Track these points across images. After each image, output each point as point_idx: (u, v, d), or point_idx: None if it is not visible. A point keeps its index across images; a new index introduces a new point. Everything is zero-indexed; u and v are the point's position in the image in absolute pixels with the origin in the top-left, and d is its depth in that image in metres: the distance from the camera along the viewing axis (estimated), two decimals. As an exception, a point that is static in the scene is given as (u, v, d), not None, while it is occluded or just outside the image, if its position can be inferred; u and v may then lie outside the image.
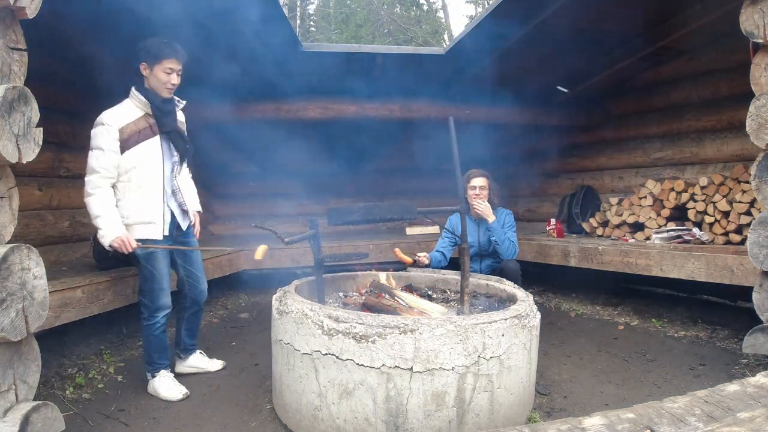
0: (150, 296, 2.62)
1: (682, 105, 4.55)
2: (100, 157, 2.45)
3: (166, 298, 2.65)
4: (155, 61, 2.51)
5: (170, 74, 2.54)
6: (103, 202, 2.45)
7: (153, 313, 2.63)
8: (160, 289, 2.61)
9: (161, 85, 2.55)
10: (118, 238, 2.43)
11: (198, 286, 2.88)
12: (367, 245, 4.84)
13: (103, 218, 2.43)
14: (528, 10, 3.57)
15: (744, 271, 3.04)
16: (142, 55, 2.52)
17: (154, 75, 2.54)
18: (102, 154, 2.45)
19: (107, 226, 2.43)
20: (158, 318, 2.63)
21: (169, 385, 2.67)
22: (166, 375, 2.70)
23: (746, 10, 2.38)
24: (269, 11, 3.27)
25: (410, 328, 1.93)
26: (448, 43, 5.26)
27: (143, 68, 2.54)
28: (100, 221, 2.43)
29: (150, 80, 2.56)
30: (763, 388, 1.59)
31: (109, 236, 2.43)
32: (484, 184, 3.55)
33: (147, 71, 2.54)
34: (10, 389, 1.75)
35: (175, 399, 2.61)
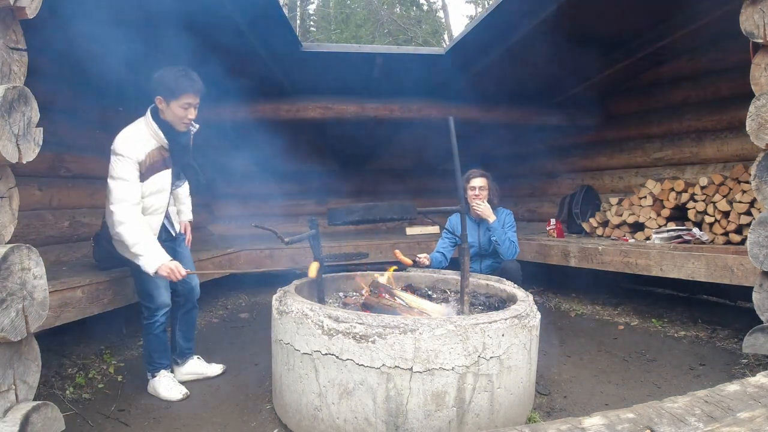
0: (148, 296, 2.61)
1: (682, 105, 4.55)
2: (126, 188, 2.40)
3: (165, 296, 2.64)
4: (172, 97, 2.42)
5: (187, 109, 2.47)
6: (138, 231, 2.39)
7: (153, 312, 2.62)
8: (156, 288, 2.60)
9: (178, 120, 2.49)
10: (166, 267, 2.39)
11: (189, 282, 2.85)
12: (367, 245, 4.84)
13: (141, 246, 2.38)
14: (528, 10, 3.57)
15: (744, 271, 3.04)
16: (158, 89, 2.43)
17: (170, 109, 2.46)
18: (128, 185, 2.40)
19: (148, 254, 2.39)
20: (158, 317, 2.63)
21: (170, 385, 2.66)
22: (166, 375, 2.70)
23: (746, 10, 2.38)
24: (269, 11, 3.28)
25: (410, 328, 1.93)
26: (448, 43, 5.26)
27: (159, 101, 2.47)
28: (139, 249, 2.38)
29: (166, 114, 2.48)
30: (763, 388, 1.59)
31: (152, 265, 2.38)
32: (483, 185, 3.55)
33: (163, 105, 2.46)
34: (10, 389, 1.75)
35: (175, 399, 2.61)
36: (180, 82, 2.41)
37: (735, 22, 2.42)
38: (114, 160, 2.42)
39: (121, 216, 2.38)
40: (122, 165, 2.40)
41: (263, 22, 3.39)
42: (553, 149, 6.00)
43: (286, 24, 3.64)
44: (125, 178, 2.40)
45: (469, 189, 3.54)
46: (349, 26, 17.48)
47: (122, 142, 2.43)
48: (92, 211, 3.92)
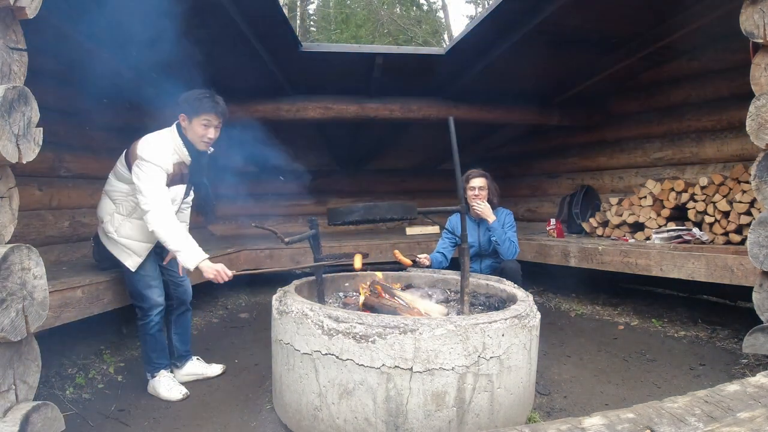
0: (139, 296, 2.64)
1: (682, 105, 4.55)
2: (159, 193, 2.46)
3: (157, 296, 2.66)
4: (194, 114, 2.52)
5: (208, 128, 2.55)
6: (176, 231, 2.43)
7: (146, 312, 2.64)
8: (147, 287, 2.63)
9: (198, 138, 2.57)
10: (213, 269, 2.42)
11: (182, 284, 2.87)
12: (367, 245, 4.84)
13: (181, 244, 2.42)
14: (528, 10, 3.57)
15: (744, 271, 3.04)
16: (183, 107, 2.55)
17: (192, 127, 2.55)
18: (160, 189, 2.47)
19: (188, 250, 2.42)
20: (152, 316, 2.63)
21: (169, 385, 2.67)
22: (165, 375, 2.70)
23: (746, 10, 2.38)
24: (269, 11, 3.27)
25: (410, 328, 1.93)
26: (448, 43, 5.26)
27: (182, 119, 2.57)
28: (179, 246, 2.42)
29: (188, 131, 2.57)
30: (763, 388, 1.59)
31: (192, 260, 2.41)
32: (483, 185, 3.55)
33: (185, 122, 2.56)
34: (10, 389, 1.75)
35: (175, 399, 2.62)
36: (203, 102, 2.52)
37: (735, 22, 2.42)
38: (144, 165, 2.45)
39: (158, 219, 2.41)
40: (153, 171, 2.46)
41: (263, 22, 3.39)
42: (553, 149, 6.00)
43: (286, 24, 3.64)
44: (157, 183, 2.46)
45: (469, 189, 3.54)
46: (349, 26, 17.48)
47: (153, 151, 2.48)
48: (92, 211, 3.91)
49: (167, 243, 2.43)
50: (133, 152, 2.51)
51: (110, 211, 2.64)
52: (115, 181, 2.66)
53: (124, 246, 2.60)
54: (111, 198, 2.66)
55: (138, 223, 2.59)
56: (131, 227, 2.60)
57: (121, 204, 2.62)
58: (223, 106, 2.59)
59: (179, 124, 2.59)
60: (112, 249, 2.63)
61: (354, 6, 18.60)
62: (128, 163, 2.55)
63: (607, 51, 4.31)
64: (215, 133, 2.60)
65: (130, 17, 2.87)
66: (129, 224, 2.60)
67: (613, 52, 4.32)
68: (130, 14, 2.85)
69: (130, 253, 2.61)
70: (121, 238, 2.60)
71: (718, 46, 4.17)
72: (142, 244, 2.62)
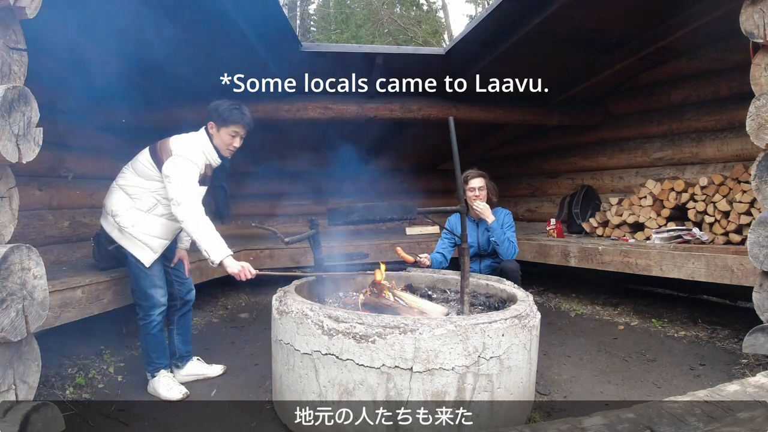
0: (143, 295, 2.65)
1: (682, 105, 4.55)
2: (192, 189, 2.54)
3: (161, 296, 2.67)
4: (223, 124, 2.61)
5: (234, 137, 2.66)
6: (206, 226, 2.49)
7: (148, 312, 2.65)
8: (152, 286, 2.64)
9: (224, 146, 2.67)
10: (238, 265, 2.45)
11: (186, 284, 2.90)
12: (367, 245, 4.83)
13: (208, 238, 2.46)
14: (528, 10, 3.57)
15: (744, 271, 3.04)
16: (212, 115, 2.63)
17: (219, 135, 2.64)
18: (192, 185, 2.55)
19: (215, 245, 2.46)
20: (153, 316, 2.65)
21: (169, 385, 2.68)
22: (165, 375, 2.71)
23: (746, 10, 2.38)
24: (269, 11, 3.27)
25: (410, 328, 1.93)
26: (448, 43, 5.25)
27: (210, 127, 2.65)
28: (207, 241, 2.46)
29: (215, 138, 2.66)
30: (763, 388, 1.59)
31: (218, 255, 2.44)
32: (482, 185, 3.55)
33: (214, 130, 2.65)
34: (10, 389, 1.75)
35: (175, 399, 2.62)
36: (233, 113, 2.62)
37: (735, 22, 2.42)
38: (181, 161, 2.53)
39: (190, 213, 2.47)
40: (188, 168, 2.54)
41: (263, 22, 3.39)
42: (553, 149, 5.99)
43: (286, 24, 3.64)
44: (190, 179, 2.54)
45: (468, 190, 3.54)
46: (349, 26, 17.48)
47: (188, 148, 2.59)
48: (92, 211, 3.92)
49: (196, 235, 2.46)
50: (165, 149, 2.58)
51: (127, 206, 2.64)
52: (134, 176, 2.67)
53: (141, 241, 2.62)
54: (127, 193, 2.66)
55: (158, 219, 2.64)
56: (151, 223, 2.63)
57: (140, 199, 2.64)
58: (251, 119, 2.69)
59: (207, 130, 2.67)
60: (126, 243, 2.63)
61: (354, 6, 18.59)
62: (157, 159, 2.59)
63: (607, 51, 4.31)
64: (240, 142, 2.71)
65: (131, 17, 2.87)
66: (149, 220, 2.63)
67: (613, 52, 4.32)
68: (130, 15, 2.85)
69: (146, 248, 2.63)
70: (138, 233, 2.61)
71: (718, 46, 4.16)
72: (159, 240, 2.65)
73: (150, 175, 2.62)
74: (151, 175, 2.62)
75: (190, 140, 2.64)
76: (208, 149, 2.66)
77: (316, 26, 19.52)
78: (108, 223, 2.68)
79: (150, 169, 2.62)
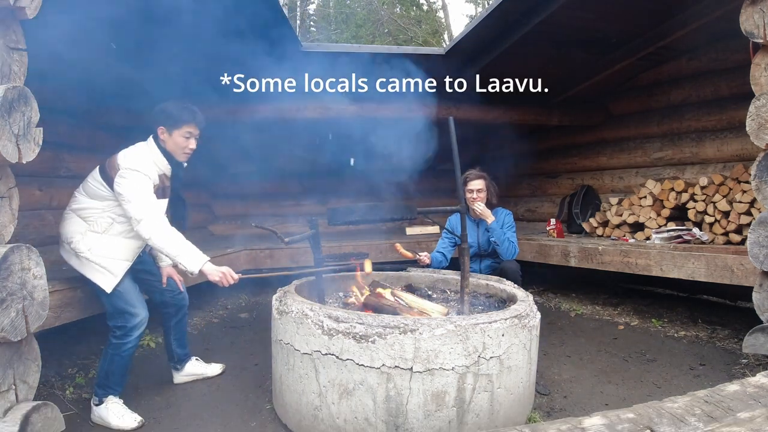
0: (125, 315, 2.40)
1: (682, 105, 4.55)
2: (149, 201, 2.37)
3: (143, 311, 2.45)
4: (175, 126, 2.48)
5: (189, 139, 2.52)
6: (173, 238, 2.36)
7: (128, 332, 2.40)
8: (132, 306, 2.43)
9: (179, 150, 2.52)
10: (218, 272, 2.35)
11: (178, 291, 2.79)
12: (367, 245, 4.83)
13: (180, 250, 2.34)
14: (528, 10, 3.57)
15: (744, 271, 3.04)
16: (161, 119, 2.48)
17: (172, 139, 2.50)
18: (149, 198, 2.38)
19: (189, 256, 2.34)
20: (133, 337, 2.42)
21: (120, 413, 2.37)
22: (115, 401, 2.42)
23: (746, 10, 2.38)
24: (269, 11, 3.27)
25: (410, 328, 1.93)
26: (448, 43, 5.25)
27: (161, 132, 2.49)
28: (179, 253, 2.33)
29: (167, 143, 2.51)
30: (763, 388, 1.59)
31: (195, 264, 2.33)
32: (481, 187, 3.55)
33: (165, 135, 2.50)
34: (10, 389, 1.75)
35: (129, 428, 2.33)
36: (183, 113, 2.48)
37: (735, 22, 2.42)
38: (130, 174, 2.34)
39: (153, 227, 2.33)
40: (140, 180, 2.36)
41: (263, 22, 3.39)
42: (553, 149, 6.00)
43: (286, 24, 3.64)
44: (145, 192, 2.36)
45: (467, 192, 3.54)
46: (349, 26, 17.47)
47: (135, 160, 2.40)
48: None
49: (167, 250, 2.33)
50: (112, 165, 2.40)
51: (81, 230, 2.45)
52: (85, 198, 2.49)
53: (99, 265, 2.40)
54: (81, 216, 2.47)
55: (115, 239, 2.45)
56: (108, 244, 2.43)
57: (95, 221, 2.45)
58: (202, 117, 2.55)
59: (156, 136, 2.51)
60: (83, 270, 2.41)
61: (354, 6, 18.59)
62: (106, 177, 2.42)
63: (607, 51, 4.31)
64: (195, 144, 2.56)
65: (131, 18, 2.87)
66: (105, 241, 2.43)
67: (613, 52, 4.32)
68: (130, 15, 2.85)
69: (105, 273, 2.40)
70: (95, 257, 2.40)
71: (718, 46, 4.17)
72: (119, 262, 2.44)
73: (102, 195, 2.43)
74: (103, 195, 2.43)
75: (138, 151, 2.46)
76: (158, 158, 2.49)
77: (316, 26, 19.51)
78: (65, 251, 2.51)
79: (101, 189, 2.43)
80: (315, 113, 4.71)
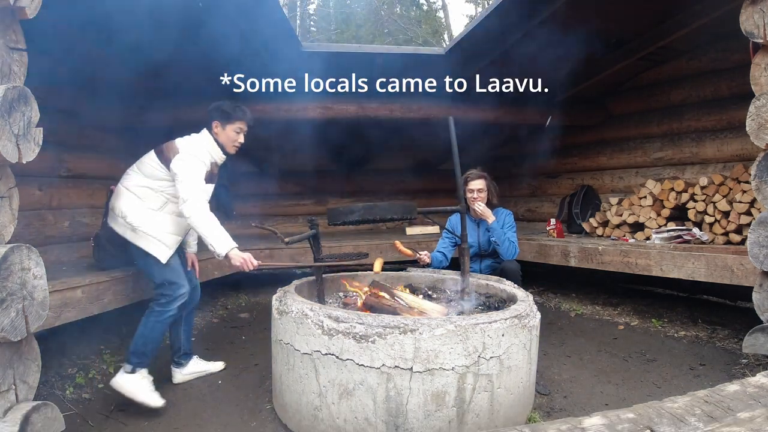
0: (169, 285, 2.68)
1: (682, 105, 4.55)
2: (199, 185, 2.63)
3: (186, 286, 2.73)
4: (228, 121, 2.78)
5: (239, 134, 2.82)
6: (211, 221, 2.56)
7: (172, 300, 2.66)
8: (179, 277, 2.72)
9: (229, 143, 2.82)
10: (240, 257, 2.53)
11: (196, 285, 3.00)
12: (367, 245, 4.83)
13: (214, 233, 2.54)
14: (528, 10, 3.57)
15: (744, 271, 3.04)
16: (216, 115, 2.78)
17: (225, 132, 2.79)
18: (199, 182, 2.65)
19: (220, 239, 2.54)
20: (175, 305, 2.67)
21: (151, 389, 2.52)
22: (147, 377, 2.57)
23: (746, 10, 2.38)
24: (269, 11, 3.28)
25: (410, 328, 1.93)
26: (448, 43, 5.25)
27: (215, 126, 2.79)
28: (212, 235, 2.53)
29: (220, 136, 2.80)
30: (763, 388, 1.59)
31: (224, 248, 2.52)
32: (482, 187, 3.55)
33: (219, 129, 2.79)
34: (10, 389, 1.75)
35: (155, 405, 2.46)
36: (236, 111, 2.80)
37: (735, 22, 2.42)
38: (188, 158, 2.63)
39: (196, 209, 2.55)
40: (196, 165, 2.65)
41: (263, 22, 3.39)
42: (553, 149, 5.99)
43: (286, 24, 3.64)
44: (197, 176, 2.64)
45: (468, 192, 3.54)
46: (349, 26, 17.48)
47: (194, 146, 2.71)
48: (92, 211, 3.92)
49: (202, 230, 2.54)
50: (171, 149, 2.68)
51: (136, 206, 2.69)
52: (141, 177, 2.73)
53: (155, 237, 2.67)
54: (135, 194, 2.72)
55: (168, 217, 2.72)
56: (162, 221, 2.70)
57: (149, 199, 2.71)
58: (251, 116, 2.87)
59: (211, 129, 2.79)
60: (141, 242, 2.66)
61: (354, 6, 18.59)
62: (164, 159, 2.67)
63: (607, 51, 4.31)
64: (243, 139, 2.86)
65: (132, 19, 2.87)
66: (159, 218, 2.70)
67: (613, 52, 4.32)
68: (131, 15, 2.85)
69: (160, 244, 2.68)
70: (151, 230, 2.67)
71: (718, 46, 4.16)
72: (172, 236, 2.73)
73: (158, 175, 2.69)
74: (159, 175, 2.69)
75: (196, 140, 2.77)
76: (213, 148, 2.78)
77: (316, 26, 19.51)
78: (119, 225, 2.71)
79: (158, 169, 2.68)
80: (315, 113, 4.71)
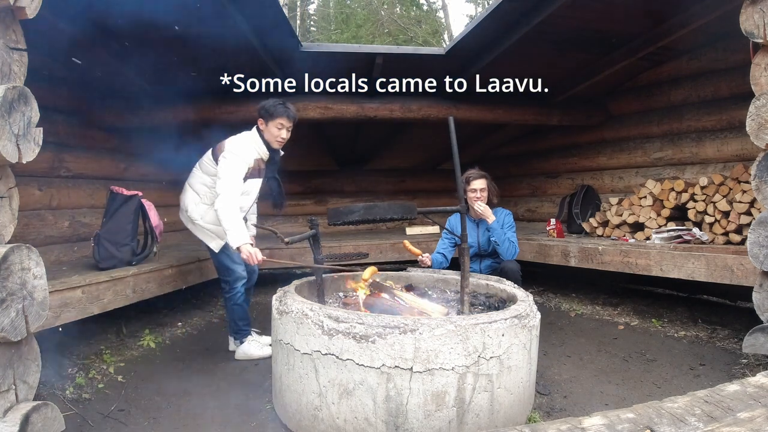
0: (227, 270, 3.11)
1: (682, 105, 4.55)
2: (237, 183, 2.89)
3: (241, 270, 3.11)
4: (270, 118, 2.99)
5: (281, 129, 3.02)
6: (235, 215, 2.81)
7: (232, 285, 3.10)
8: (233, 263, 3.08)
9: (273, 138, 3.03)
10: (247, 251, 2.75)
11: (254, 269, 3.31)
12: (367, 245, 4.83)
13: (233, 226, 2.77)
14: (528, 10, 3.57)
15: (744, 271, 3.04)
16: (260, 113, 3.02)
17: (268, 129, 3.01)
18: (238, 180, 2.90)
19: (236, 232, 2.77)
20: (237, 288, 3.10)
21: (259, 346, 3.18)
22: (252, 339, 3.21)
23: (746, 10, 2.37)
24: (269, 12, 3.27)
25: (410, 328, 1.93)
26: (448, 43, 5.25)
27: (260, 123, 3.03)
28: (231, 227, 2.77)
29: (265, 133, 3.02)
30: (763, 388, 1.59)
31: (236, 241, 2.76)
32: (483, 186, 3.55)
33: (263, 125, 3.02)
34: (10, 389, 1.75)
35: (267, 355, 3.01)
36: (277, 108, 2.99)
37: (735, 22, 2.42)
38: (230, 157, 2.89)
39: (225, 202, 2.80)
40: (236, 164, 2.89)
41: (263, 22, 3.39)
42: (553, 149, 5.99)
43: (286, 24, 3.64)
44: (236, 175, 2.88)
45: (470, 191, 3.54)
46: (349, 26, 17.48)
47: (238, 146, 2.95)
48: (92, 211, 3.92)
49: (224, 222, 2.77)
50: (221, 147, 2.98)
51: (195, 201, 3.10)
52: (201, 174, 3.12)
53: (209, 230, 3.08)
54: (194, 189, 3.11)
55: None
56: (215, 215, 2.93)
57: (204, 195, 3.08)
58: (294, 112, 3.05)
59: (258, 127, 3.03)
60: (198, 233, 3.12)
61: (354, 6, 18.59)
62: (216, 157, 2.99)
63: (607, 51, 4.31)
64: (287, 134, 3.05)
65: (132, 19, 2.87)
66: (213, 212, 2.96)
67: (613, 52, 4.32)
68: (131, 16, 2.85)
69: (214, 237, 3.07)
70: (206, 224, 3.07)
71: (718, 46, 4.16)
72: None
73: (212, 172, 3.02)
74: (213, 172, 3.01)
75: (243, 138, 3.01)
76: (258, 145, 3.00)
77: (316, 26, 19.52)
78: (183, 217, 3.17)
79: (212, 166, 3.03)
80: (315, 113, 4.71)
